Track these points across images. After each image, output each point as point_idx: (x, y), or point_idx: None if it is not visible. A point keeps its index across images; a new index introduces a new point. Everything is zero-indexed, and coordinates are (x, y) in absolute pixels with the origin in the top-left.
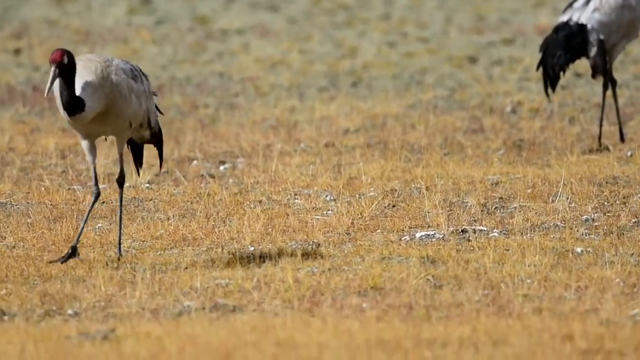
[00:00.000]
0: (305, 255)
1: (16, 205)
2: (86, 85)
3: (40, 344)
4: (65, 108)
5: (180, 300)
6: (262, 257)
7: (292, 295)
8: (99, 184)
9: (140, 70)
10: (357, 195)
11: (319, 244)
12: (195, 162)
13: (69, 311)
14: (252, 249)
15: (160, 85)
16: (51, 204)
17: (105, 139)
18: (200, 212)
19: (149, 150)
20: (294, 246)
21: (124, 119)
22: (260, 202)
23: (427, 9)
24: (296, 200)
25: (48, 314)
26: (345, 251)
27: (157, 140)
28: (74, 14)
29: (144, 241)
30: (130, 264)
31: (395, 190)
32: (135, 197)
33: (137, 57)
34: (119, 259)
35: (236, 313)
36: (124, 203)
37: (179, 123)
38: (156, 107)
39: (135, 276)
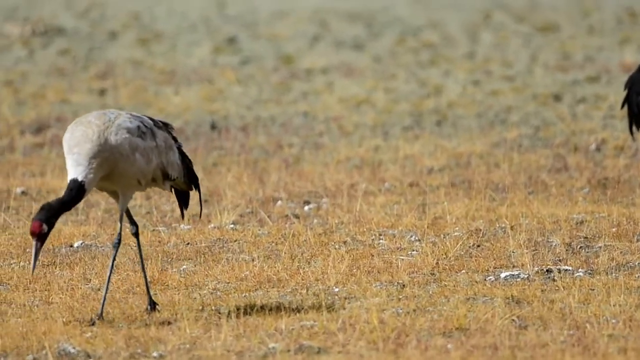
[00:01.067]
0: (390, 296)
1: (101, 247)
2: (83, 158)
3: None
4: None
5: (265, 342)
6: (347, 298)
7: (377, 337)
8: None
9: (156, 124)
10: (442, 235)
11: (403, 285)
12: (279, 202)
13: (154, 354)
14: (337, 290)
15: (245, 125)
16: (136, 246)
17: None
18: (285, 253)
19: (230, 192)
20: (378, 287)
21: (129, 177)
22: (344, 242)
23: (512, 47)
24: (381, 241)
25: (133, 357)
26: (430, 292)
27: (190, 187)
28: (159, 55)
29: (228, 283)
30: (215, 306)
31: (480, 229)
32: (219, 238)
33: (222, 97)
34: (154, 308)
35: (321, 355)
36: (209, 244)
37: (264, 163)
38: (183, 155)
39: (220, 318)
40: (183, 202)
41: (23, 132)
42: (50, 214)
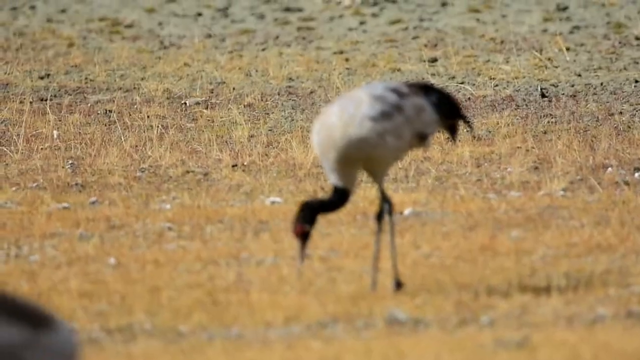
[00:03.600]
0: None
1: (431, 214)
2: (334, 164)
3: (455, 352)
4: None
5: (594, 308)
6: None
7: None
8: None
9: (401, 94)
10: None
11: None
12: (610, 169)
13: (484, 319)
14: None
15: (575, 93)
16: (466, 213)
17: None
18: (615, 219)
19: (560, 160)
20: None
21: (384, 160)
22: None
23: None
24: None
25: (463, 323)
26: None
27: (454, 122)
28: (490, 23)
29: (558, 249)
30: (545, 272)
31: None
32: (549, 205)
33: (552, 65)
34: (399, 286)
35: None
36: (539, 210)
37: (594, 130)
38: (439, 103)
39: (549, 284)
40: (451, 131)
41: None
42: (311, 214)
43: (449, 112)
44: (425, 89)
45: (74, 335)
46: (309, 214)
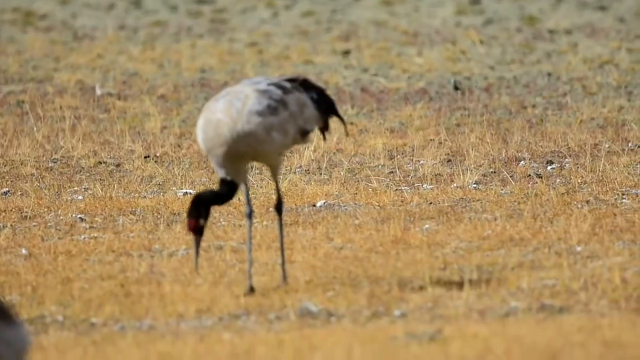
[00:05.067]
0: (633, 255)
1: (344, 206)
2: (223, 160)
3: (367, 345)
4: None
5: (507, 301)
6: (589, 257)
7: (619, 296)
8: (251, 204)
9: (285, 90)
10: None
11: None
12: (522, 162)
13: (396, 312)
14: (579, 249)
15: (488, 86)
16: (379, 205)
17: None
18: (527, 212)
19: (473, 152)
20: (621, 246)
21: (270, 155)
22: (587, 202)
23: None
24: (624, 200)
25: (375, 315)
26: None
27: (329, 117)
28: (402, 15)
29: (470, 242)
30: (457, 265)
31: None
32: (462, 198)
33: (465, 58)
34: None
35: (563, 314)
36: (451, 203)
37: (507, 123)
38: (319, 100)
39: (462, 277)
40: (324, 129)
41: None
42: (204, 207)
43: (326, 108)
44: (304, 85)
45: (28, 334)
46: (202, 208)
